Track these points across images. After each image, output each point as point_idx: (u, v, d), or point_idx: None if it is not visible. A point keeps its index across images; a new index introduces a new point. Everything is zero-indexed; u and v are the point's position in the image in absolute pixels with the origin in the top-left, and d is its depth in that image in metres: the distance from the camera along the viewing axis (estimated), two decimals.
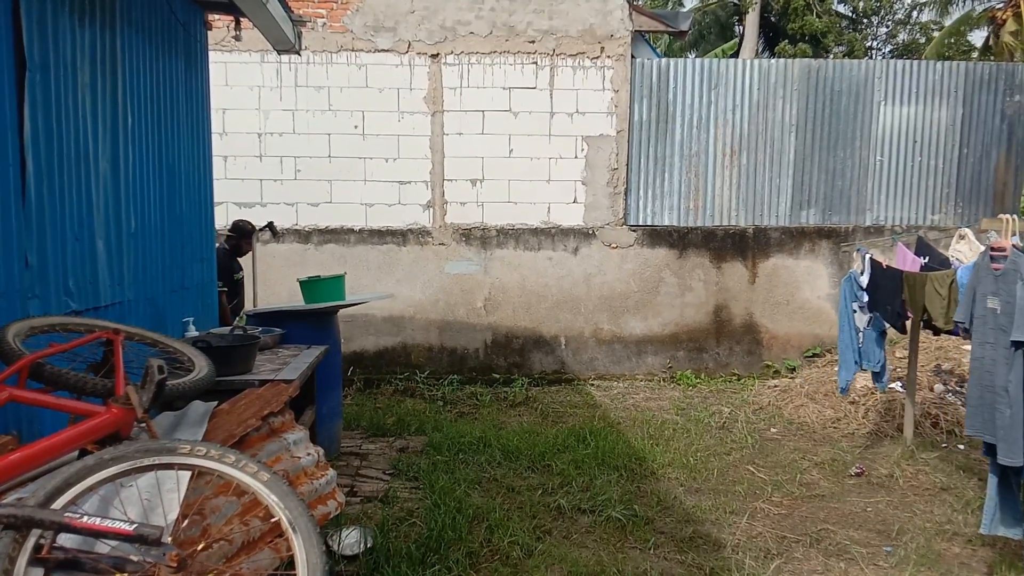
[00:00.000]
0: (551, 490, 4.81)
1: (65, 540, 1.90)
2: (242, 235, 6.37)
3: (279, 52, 5.72)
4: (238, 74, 7.56)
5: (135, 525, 1.83)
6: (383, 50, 7.62)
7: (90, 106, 3.64)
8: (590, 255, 7.98)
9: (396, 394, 7.48)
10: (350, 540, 3.90)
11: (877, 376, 5.69)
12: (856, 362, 5.61)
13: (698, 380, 7.99)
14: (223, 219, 7.44)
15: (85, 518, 1.82)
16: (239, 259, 6.52)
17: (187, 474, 2.16)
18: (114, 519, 1.87)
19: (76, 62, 3.50)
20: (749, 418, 6.62)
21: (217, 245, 5.98)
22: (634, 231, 8.00)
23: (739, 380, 8.00)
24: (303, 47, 6.30)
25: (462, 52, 7.67)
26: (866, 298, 5.49)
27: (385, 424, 6.30)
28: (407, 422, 6.34)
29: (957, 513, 4.56)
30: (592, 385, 7.92)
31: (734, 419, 6.56)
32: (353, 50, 7.60)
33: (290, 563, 2.07)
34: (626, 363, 8.12)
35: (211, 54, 5.55)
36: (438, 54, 7.66)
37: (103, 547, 1.91)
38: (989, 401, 3.57)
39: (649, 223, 8.07)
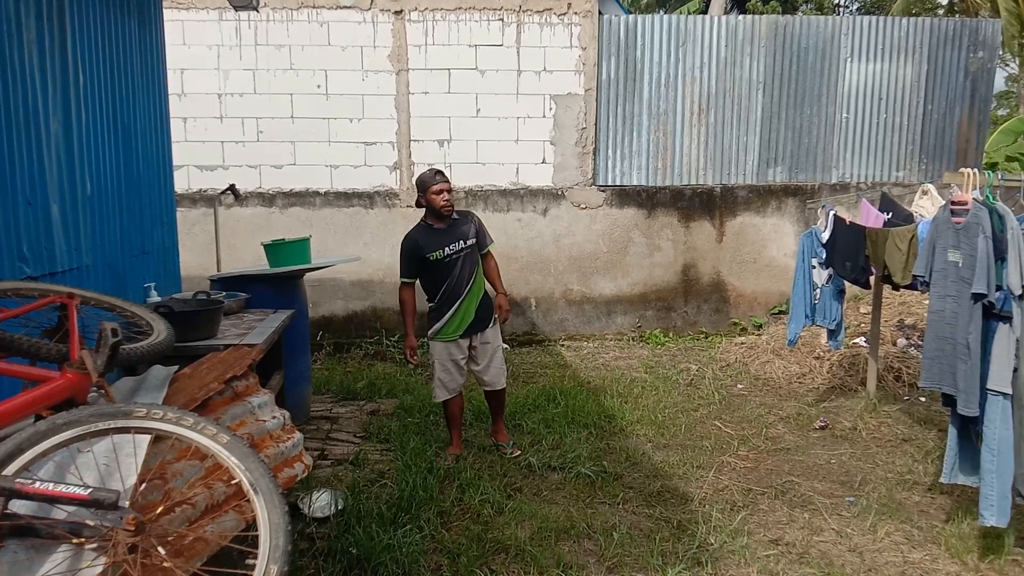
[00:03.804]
0: (522, 448, 4.85)
1: (18, 507, 1.86)
2: (420, 190, 4.70)
3: (236, 8, 5.57)
4: (196, 32, 7.34)
5: (90, 490, 1.80)
6: (345, 7, 7.43)
7: (38, 64, 3.51)
8: (559, 216, 7.96)
9: (366, 358, 7.45)
10: (321, 503, 3.90)
11: (832, 334, 5.75)
12: (807, 316, 5.69)
13: (666, 339, 8.06)
14: (184, 183, 7.30)
15: (38, 483, 1.79)
16: (442, 226, 4.68)
17: (145, 438, 2.13)
18: (69, 484, 1.84)
19: (20, 17, 3.36)
20: (716, 375, 6.70)
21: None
22: (603, 191, 7.98)
23: (707, 338, 8.08)
24: (262, 3, 6.14)
25: (426, 8, 7.50)
26: (825, 254, 5.55)
27: (355, 388, 6.29)
28: (378, 386, 6.33)
29: (917, 463, 4.67)
30: (562, 346, 7.96)
31: (702, 376, 6.64)
32: (314, 7, 7.41)
33: (255, 525, 2.06)
34: (596, 323, 8.15)
35: (166, 12, 5.38)
36: (402, 11, 7.49)
37: (59, 513, 1.88)
38: (949, 353, 3.63)
39: (618, 183, 8.04)
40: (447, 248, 4.61)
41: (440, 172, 4.71)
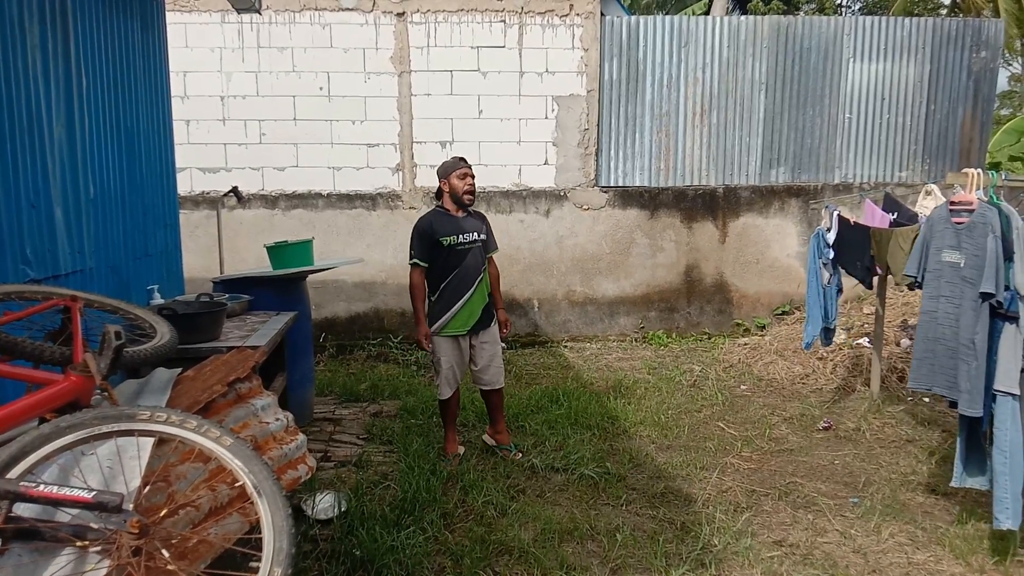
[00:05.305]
0: (525, 450, 4.84)
1: (23, 510, 1.86)
2: (443, 175, 4.70)
3: (238, 11, 5.57)
4: (198, 35, 7.35)
5: (94, 492, 1.80)
6: (347, 8, 7.44)
7: (41, 68, 3.52)
8: (562, 217, 7.95)
9: (369, 360, 7.45)
10: (324, 504, 3.89)
11: (828, 332, 5.73)
12: (822, 318, 5.66)
13: (669, 340, 8.05)
14: (187, 185, 7.32)
15: (42, 487, 1.79)
16: (459, 215, 4.66)
17: (149, 441, 2.13)
18: (73, 487, 1.84)
19: (24, 22, 3.37)
20: (719, 376, 6.69)
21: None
22: (605, 192, 7.97)
23: (710, 339, 8.08)
24: (264, 6, 6.15)
25: (428, 10, 7.51)
26: (832, 254, 5.53)
27: (358, 390, 6.29)
28: (380, 387, 6.33)
29: (921, 464, 4.66)
30: (565, 347, 7.95)
31: (705, 377, 6.63)
32: (316, 9, 7.42)
33: (259, 528, 2.06)
34: (599, 324, 8.15)
35: (169, 14, 5.39)
36: (404, 12, 7.50)
37: (63, 516, 1.88)
38: (941, 354, 3.62)
39: (620, 184, 8.04)
40: (461, 236, 4.55)
41: (464, 159, 4.68)
